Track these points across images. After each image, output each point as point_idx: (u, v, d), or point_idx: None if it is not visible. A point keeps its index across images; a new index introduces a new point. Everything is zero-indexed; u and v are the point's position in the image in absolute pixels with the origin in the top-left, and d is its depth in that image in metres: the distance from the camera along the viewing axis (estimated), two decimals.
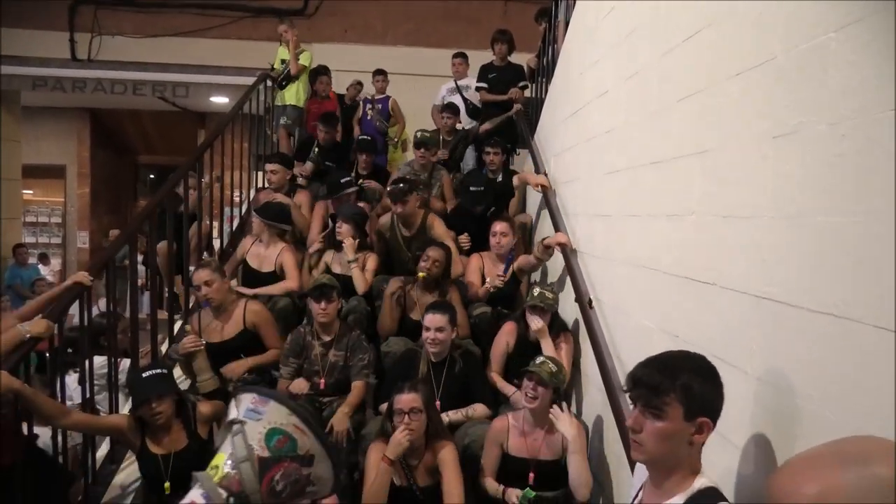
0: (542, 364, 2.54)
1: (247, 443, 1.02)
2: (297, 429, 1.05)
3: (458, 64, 5.68)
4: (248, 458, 1.01)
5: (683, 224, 1.99)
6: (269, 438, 1.03)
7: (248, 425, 1.04)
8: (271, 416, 1.05)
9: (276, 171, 4.49)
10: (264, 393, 1.09)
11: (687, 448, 1.33)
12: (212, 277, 3.16)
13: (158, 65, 7.50)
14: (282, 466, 1.03)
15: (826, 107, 1.31)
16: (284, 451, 1.03)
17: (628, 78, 2.64)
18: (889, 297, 1.11)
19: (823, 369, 1.28)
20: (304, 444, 1.05)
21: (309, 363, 3.17)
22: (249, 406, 1.07)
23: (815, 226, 1.33)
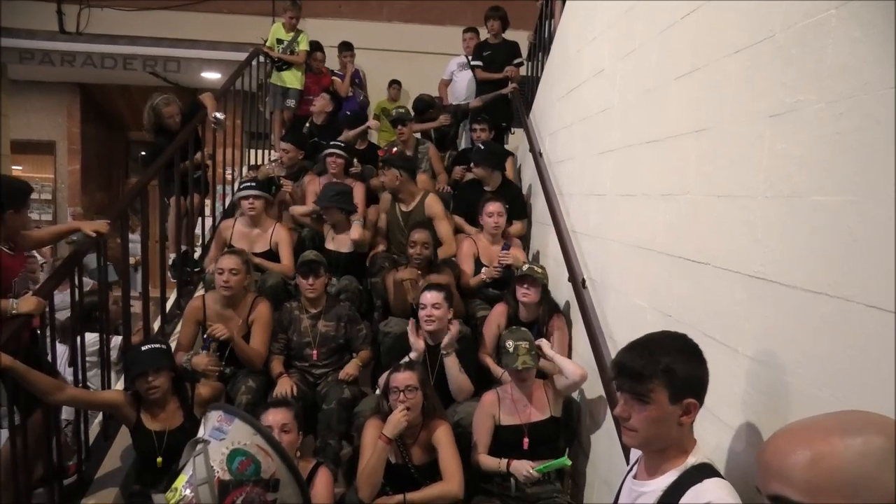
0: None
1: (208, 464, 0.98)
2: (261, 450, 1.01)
3: (469, 39, 5.60)
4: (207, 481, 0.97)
5: (678, 203, 1.98)
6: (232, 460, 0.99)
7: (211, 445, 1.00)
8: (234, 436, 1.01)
9: (287, 150, 4.51)
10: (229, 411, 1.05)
11: (677, 429, 1.35)
12: (240, 267, 3.09)
13: (149, 39, 7.38)
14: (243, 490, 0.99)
15: (825, 85, 1.30)
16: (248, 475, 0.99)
17: (625, 56, 2.61)
18: (883, 277, 1.11)
19: (816, 348, 1.28)
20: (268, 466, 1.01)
21: (299, 335, 3.20)
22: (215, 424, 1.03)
23: (811, 205, 1.32)
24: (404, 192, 3.93)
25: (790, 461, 0.82)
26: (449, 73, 5.69)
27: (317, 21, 7.10)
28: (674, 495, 1.32)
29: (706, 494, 1.27)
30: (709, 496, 1.26)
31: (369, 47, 6.56)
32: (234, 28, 7.25)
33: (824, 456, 0.79)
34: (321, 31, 6.45)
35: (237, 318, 3.17)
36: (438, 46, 6.23)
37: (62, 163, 9.67)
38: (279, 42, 5.58)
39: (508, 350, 2.61)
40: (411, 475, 2.52)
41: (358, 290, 3.62)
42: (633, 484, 1.46)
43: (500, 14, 5.25)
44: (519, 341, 2.60)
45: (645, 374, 1.32)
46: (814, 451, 0.80)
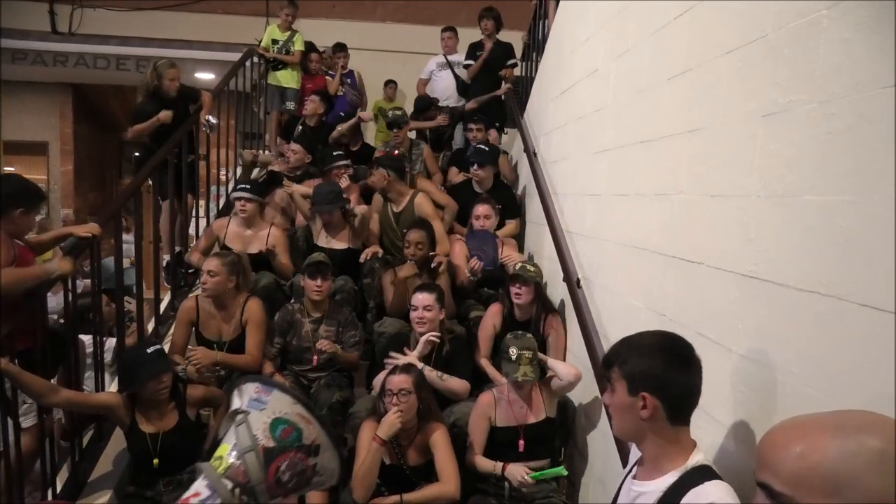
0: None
1: (251, 433, 1.01)
2: (302, 418, 1.04)
3: (448, 38, 5.60)
4: (252, 448, 1.00)
5: (672, 203, 1.98)
6: (274, 428, 1.02)
7: (251, 415, 1.03)
8: (275, 406, 1.04)
9: (296, 150, 4.49)
10: (267, 382, 1.08)
11: (639, 423, 1.35)
12: (219, 270, 3.06)
13: (142, 39, 7.34)
14: (287, 456, 1.02)
15: (817, 84, 1.30)
16: (290, 441, 1.02)
17: (618, 56, 2.61)
18: (876, 276, 1.11)
19: (808, 347, 1.29)
20: (309, 433, 1.04)
21: (299, 340, 3.17)
22: (253, 395, 1.05)
23: (803, 205, 1.33)
24: (393, 192, 3.92)
25: (780, 452, 0.84)
26: (427, 73, 5.68)
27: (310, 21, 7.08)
28: (674, 497, 1.31)
29: (707, 497, 1.26)
30: (710, 498, 1.26)
31: (363, 47, 6.55)
32: (227, 28, 7.23)
33: (812, 451, 0.80)
34: (315, 31, 6.44)
35: (230, 318, 3.15)
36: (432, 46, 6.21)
37: (55, 163, 9.61)
38: (274, 42, 5.57)
39: (511, 358, 2.58)
40: (406, 476, 2.52)
41: (354, 291, 3.61)
42: (633, 484, 1.46)
43: (494, 14, 5.24)
44: (523, 350, 2.56)
45: (608, 361, 1.39)
46: (803, 446, 0.82)
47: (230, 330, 3.14)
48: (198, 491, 0.98)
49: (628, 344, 1.39)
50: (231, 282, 3.10)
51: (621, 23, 2.62)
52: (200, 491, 0.98)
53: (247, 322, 3.14)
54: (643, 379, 1.34)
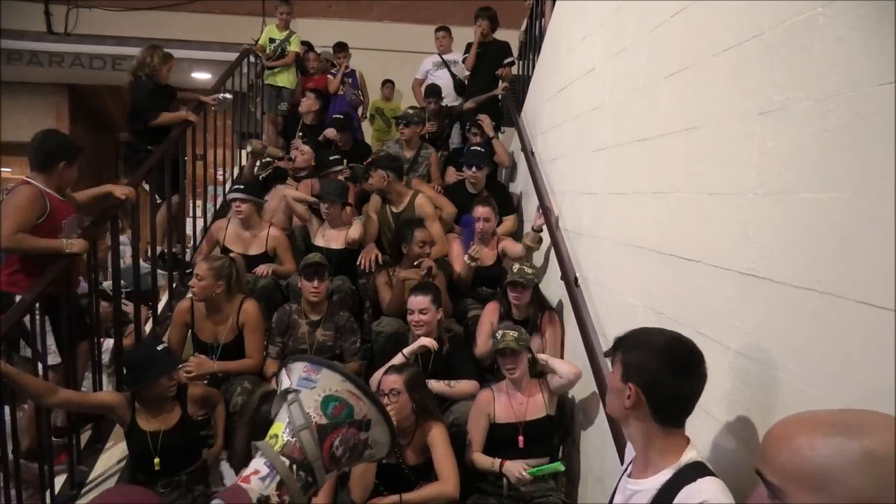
0: (504, 337, 2.65)
1: (304, 411, 1.03)
2: (352, 394, 1.06)
3: (442, 38, 5.60)
4: (306, 426, 1.02)
5: (669, 201, 1.99)
6: (326, 406, 1.04)
7: (302, 394, 1.05)
8: (325, 384, 1.06)
9: (304, 151, 4.48)
10: (315, 361, 1.10)
11: (624, 411, 1.39)
12: (206, 274, 3.04)
13: (138, 39, 7.32)
14: (340, 432, 1.04)
15: (813, 82, 1.31)
16: (342, 418, 1.05)
17: (615, 55, 2.62)
18: (872, 273, 1.12)
19: (805, 344, 1.29)
20: (360, 409, 1.06)
21: (295, 342, 3.17)
22: (302, 375, 1.08)
23: (801, 202, 1.33)
24: (393, 192, 3.92)
25: (776, 444, 0.86)
26: (423, 73, 5.68)
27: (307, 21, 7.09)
28: (668, 494, 1.32)
29: (701, 494, 1.27)
30: (704, 495, 1.26)
31: (360, 47, 6.54)
32: (224, 28, 7.22)
33: (803, 447, 0.82)
34: (311, 31, 6.44)
35: (224, 320, 3.13)
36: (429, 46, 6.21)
37: None
38: (271, 41, 5.57)
39: (496, 337, 2.70)
40: (405, 476, 2.52)
41: (351, 291, 3.61)
42: (628, 482, 1.47)
43: (490, 14, 5.24)
44: (507, 330, 2.68)
45: (617, 344, 1.44)
46: (796, 441, 0.84)
47: (226, 332, 3.12)
48: (257, 469, 0.99)
49: (638, 335, 1.43)
50: (219, 287, 3.06)
51: (618, 21, 2.62)
52: (259, 469, 0.99)
53: (243, 324, 3.13)
54: (636, 372, 1.37)
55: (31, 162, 2.83)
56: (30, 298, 2.55)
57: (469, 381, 2.90)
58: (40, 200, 2.73)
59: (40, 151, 2.81)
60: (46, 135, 2.91)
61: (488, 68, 5.22)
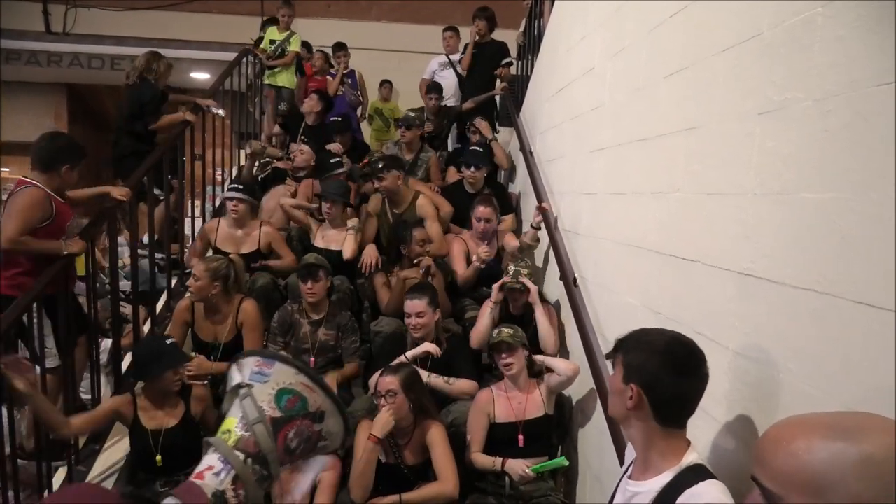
0: (500, 333, 2.69)
1: (257, 405, 1.03)
2: (306, 387, 1.06)
3: (449, 38, 5.61)
4: (260, 420, 1.02)
5: (668, 201, 1.99)
6: (280, 399, 1.05)
7: (255, 388, 1.05)
8: (279, 377, 1.06)
9: (304, 151, 4.45)
10: (268, 355, 1.10)
11: (626, 412, 1.38)
12: (202, 275, 3.03)
13: (137, 39, 7.32)
14: (294, 424, 1.05)
15: (813, 82, 1.30)
16: (296, 410, 1.05)
17: (615, 55, 2.62)
18: (871, 273, 1.12)
19: (804, 344, 1.29)
20: (314, 401, 1.07)
21: (297, 341, 3.16)
22: (254, 369, 1.08)
23: (800, 202, 1.33)
24: (396, 193, 3.91)
25: (772, 449, 0.85)
26: (430, 73, 5.69)
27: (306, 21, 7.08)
28: (669, 497, 1.32)
29: (702, 497, 1.26)
30: (705, 499, 1.26)
31: (359, 47, 6.54)
32: (223, 28, 7.22)
33: (801, 451, 0.81)
34: (310, 31, 6.44)
35: (224, 320, 3.13)
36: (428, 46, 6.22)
37: None
38: (272, 42, 5.58)
39: (493, 335, 2.73)
40: (404, 476, 2.52)
41: (350, 290, 3.61)
42: (628, 484, 1.46)
43: (488, 14, 5.24)
44: (503, 328, 2.73)
45: (618, 345, 1.44)
46: (793, 445, 0.83)
47: (225, 332, 3.12)
48: (210, 465, 0.99)
49: (638, 336, 1.42)
50: (215, 287, 3.05)
51: (617, 21, 2.62)
52: (213, 464, 0.99)
53: (242, 324, 3.12)
54: (637, 373, 1.36)
55: (34, 162, 2.83)
56: (27, 299, 2.55)
57: (468, 381, 2.90)
58: (46, 203, 2.74)
59: (44, 152, 2.82)
60: (52, 136, 2.94)
61: (485, 69, 5.23)
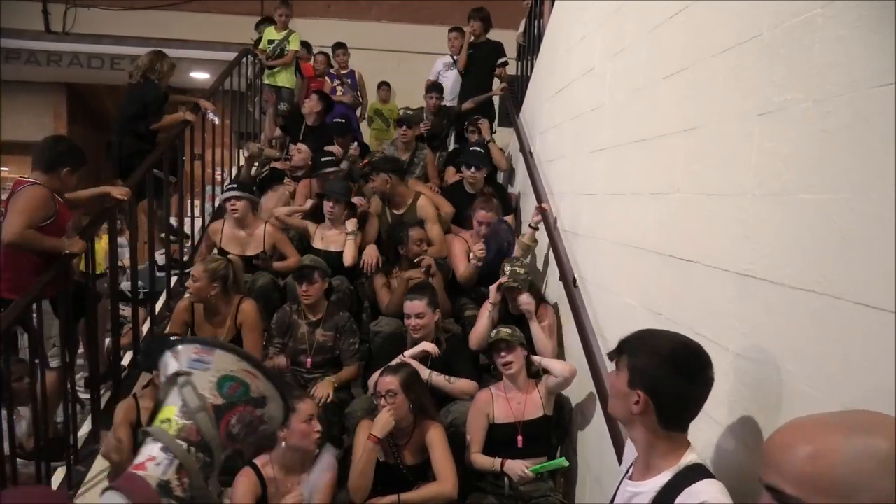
0: (497, 333, 2.70)
1: (198, 392, 1.02)
2: (248, 373, 1.06)
3: (454, 38, 5.60)
4: (202, 408, 1.01)
5: (668, 202, 1.98)
6: (222, 386, 1.04)
7: (194, 376, 1.04)
8: (220, 364, 1.05)
9: (301, 150, 4.46)
10: (207, 343, 1.09)
11: (630, 416, 1.38)
12: (200, 276, 3.02)
13: (136, 38, 7.32)
14: (237, 411, 1.05)
15: (812, 83, 1.30)
16: (238, 396, 1.05)
17: (615, 55, 2.61)
18: (871, 274, 1.11)
19: (805, 345, 1.29)
20: (256, 387, 1.06)
21: (295, 342, 3.16)
22: (193, 357, 1.06)
23: (799, 203, 1.33)
24: (395, 195, 3.91)
25: (789, 454, 0.82)
26: (435, 74, 5.70)
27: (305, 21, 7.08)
28: (668, 496, 1.32)
29: (701, 496, 1.27)
30: (704, 497, 1.26)
31: (359, 47, 6.55)
32: (223, 28, 7.23)
33: (824, 453, 0.79)
34: (310, 31, 6.44)
35: (223, 321, 3.11)
36: (428, 46, 6.23)
37: None
38: (270, 42, 5.57)
39: (491, 336, 2.73)
40: (403, 476, 2.52)
41: (349, 291, 3.61)
42: (628, 485, 1.47)
43: (482, 15, 5.26)
44: (501, 327, 2.73)
45: (621, 347, 1.42)
46: (814, 447, 0.80)
47: (224, 332, 3.11)
48: (151, 455, 0.97)
49: (643, 339, 1.41)
50: (213, 288, 3.04)
51: (617, 22, 2.62)
52: (154, 455, 0.97)
53: (241, 324, 3.11)
54: (643, 378, 1.35)
55: (35, 163, 2.87)
56: (27, 300, 2.56)
57: (469, 381, 2.90)
58: (50, 202, 2.79)
59: (46, 153, 2.87)
60: (55, 139, 3.02)
61: (481, 69, 5.24)
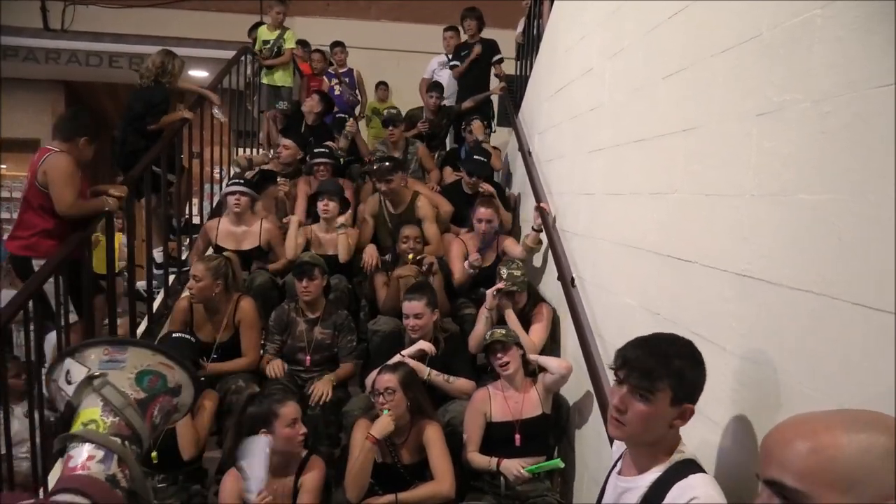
0: (492, 334, 2.70)
1: (119, 391, 1.04)
2: (164, 365, 1.10)
3: (450, 38, 5.62)
4: (127, 404, 1.04)
5: (667, 202, 1.98)
6: (141, 381, 1.07)
7: (110, 376, 1.05)
8: (135, 361, 1.08)
9: (288, 146, 4.42)
10: (117, 341, 1.11)
11: (667, 430, 1.36)
12: (203, 274, 3.02)
13: (135, 36, 7.31)
14: (158, 402, 1.08)
15: (811, 83, 1.30)
16: (158, 388, 1.09)
17: (614, 55, 2.61)
18: (869, 275, 1.12)
19: (802, 345, 1.29)
20: (172, 377, 1.10)
21: (293, 339, 3.16)
22: (104, 358, 1.07)
23: (797, 203, 1.33)
24: (395, 194, 3.91)
25: (791, 448, 0.83)
26: (430, 72, 5.70)
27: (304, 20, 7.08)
28: (659, 491, 1.32)
29: (692, 490, 1.27)
30: (695, 492, 1.26)
31: (358, 46, 6.54)
32: (221, 26, 7.21)
33: (826, 447, 0.80)
34: (308, 30, 6.44)
35: (222, 319, 3.12)
36: (427, 45, 6.22)
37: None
38: (265, 43, 5.56)
39: (486, 338, 2.73)
40: (401, 475, 2.52)
41: (348, 289, 3.61)
42: (618, 480, 1.47)
43: (476, 14, 5.29)
44: (495, 328, 2.74)
45: (655, 374, 1.32)
46: (816, 442, 0.81)
47: (223, 330, 3.12)
48: (90, 454, 0.98)
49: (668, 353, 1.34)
50: (217, 286, 3.06)
51: (616, 21, 2.62)
52: (93, 454, 0.98)
53: (239, 322, 3.12)
54: (690, 392, 1.34)
55: (55, 132, 3.09)
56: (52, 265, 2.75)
57: (467, 381, 2.90)
58: (77, 169, 3.01)
59: (67, 123, 3.11)
60: (75, 111, 3.25)
61: (477, 67, 5.24)
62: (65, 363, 1.07)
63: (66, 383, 1.07)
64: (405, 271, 3.37)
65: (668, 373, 1.31)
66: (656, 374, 1.32)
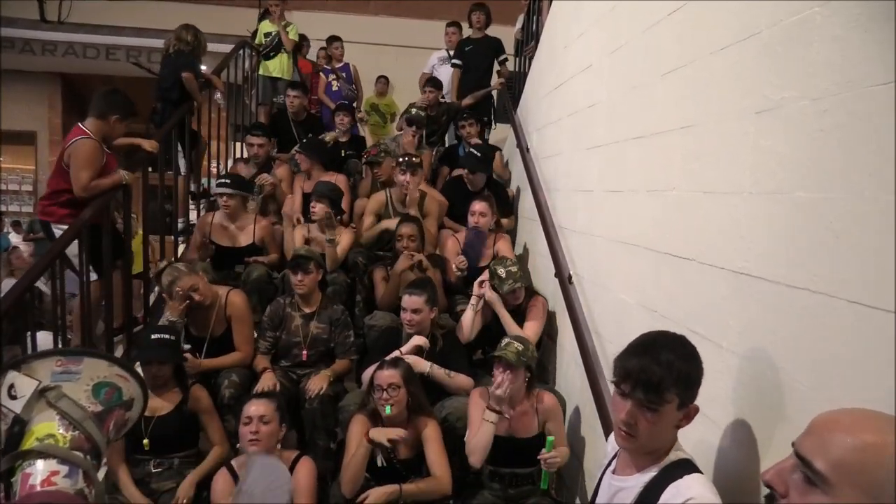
0: (507, 346, 2.49)
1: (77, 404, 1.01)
2: (120, 377, 1.08)
3: (452, 33, 5.60)
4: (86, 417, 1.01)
5: (664, 200, 1.99)
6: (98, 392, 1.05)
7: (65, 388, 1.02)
8: (91, 372, 1.05)
9: (262, 144, 4.32)
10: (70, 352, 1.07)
11: (672, 431, 1.36)
12: (195, 281, 2.97)
13: (133, 29, 7.28)
14: (114, 415, 1.06)
15: (809, 82, 1.31)
16: (114, 401, 1.07)
17: (612, 52, 2.61)
18: (865, 273, 1.12)
19: (799, 343, 1.29)
20: (127, 390, 1.09)
21: (288, 335, 3.15)
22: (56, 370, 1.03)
23: (794, 201, 1.33)
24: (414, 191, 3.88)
25: (835, 436, 0.83)
26: (430, 67, 5.69)
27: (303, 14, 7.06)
28: (654, 491, 1.32)
29: (688, 491, 1.27)
30: (690, 493, 1.26)
31: (356, 41, 6.53)
32: (219, 19, 7.17)
33: (874, 448, 0.80)
34: (307, 24, 6.41)
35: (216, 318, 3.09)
36: (426, 41, 6.21)
37: (43, 154, 9.52)
38: (266, 35, 5.54)
39: (501, 344, 2.54)
40: (397, 471, 2.52)
41: (346, 283, 3.60)
42: (613, 479, 1.46)
43: (485, 9, 5.29)
44: (514, 341, 2.52)
45: (662, 386, 1.29)
46: (861, 441, 0.81)
47: (214, 325, 3.09)
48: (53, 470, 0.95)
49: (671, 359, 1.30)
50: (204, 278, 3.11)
51: (615, 19, 2.62)
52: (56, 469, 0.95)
53: (230, 316, 3.09)
54: (695, 390, 1.34)
55: (91, 109, 3.24)
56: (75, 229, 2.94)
57: (467, 378, 2.90)
58: (100, 152, 3.15)
59: (102, 101, 3.23)
60: (111, 90, 3.34)
61: (480, 64, 5.23)
62: (7, 376, 1.01)
63: (8, 398, 1.00)
64: (403, 265, 3.37)
65: (674, 381, 1.29)
66: (664, 385, 1.28)
